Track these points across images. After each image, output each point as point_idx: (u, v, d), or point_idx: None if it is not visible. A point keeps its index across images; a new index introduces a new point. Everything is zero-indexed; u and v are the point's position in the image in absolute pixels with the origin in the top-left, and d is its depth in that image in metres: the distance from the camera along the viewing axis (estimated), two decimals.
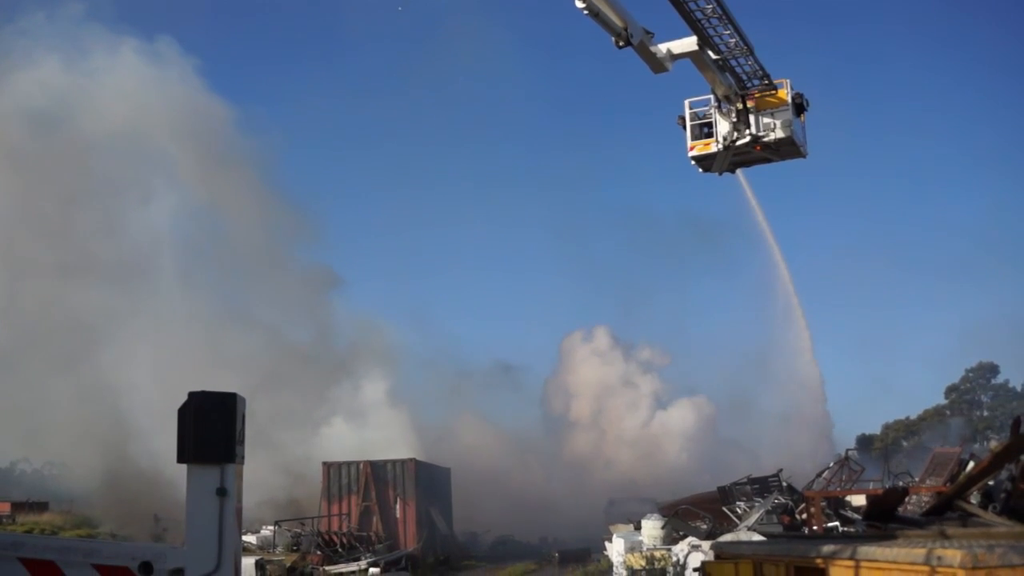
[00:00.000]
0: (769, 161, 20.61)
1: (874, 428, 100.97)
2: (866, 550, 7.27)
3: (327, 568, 36.64)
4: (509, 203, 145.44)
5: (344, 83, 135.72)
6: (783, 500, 31.11)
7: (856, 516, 26.22)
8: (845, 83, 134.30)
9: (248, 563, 32.55)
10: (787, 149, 20.02)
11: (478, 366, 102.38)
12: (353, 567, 36.82)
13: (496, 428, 70.38)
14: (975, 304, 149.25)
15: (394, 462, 44.25)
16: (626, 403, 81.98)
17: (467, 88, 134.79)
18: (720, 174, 20.54)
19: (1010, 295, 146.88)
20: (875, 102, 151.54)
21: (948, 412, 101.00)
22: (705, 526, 30.78)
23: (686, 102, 20.32)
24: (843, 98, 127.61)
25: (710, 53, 18.52)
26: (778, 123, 19.52)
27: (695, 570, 17.61)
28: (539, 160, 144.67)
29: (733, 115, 19.65)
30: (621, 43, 17.35)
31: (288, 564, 36.18)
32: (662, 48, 18.32)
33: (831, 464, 33.58)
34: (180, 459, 5.24)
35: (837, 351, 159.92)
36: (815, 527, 25.68)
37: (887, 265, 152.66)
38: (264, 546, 41.18)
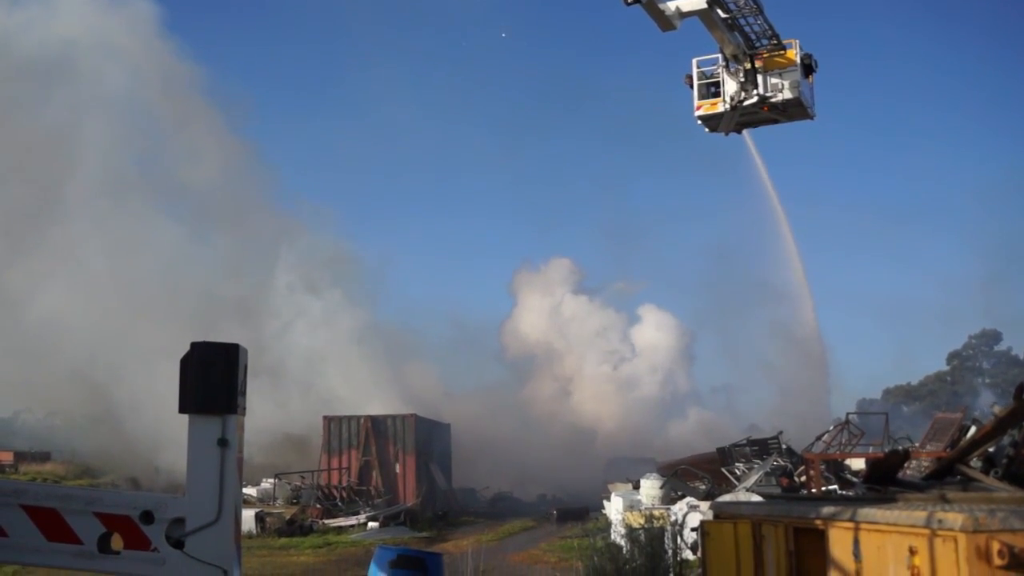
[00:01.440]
0: (776, 122, 20.49)
1: (875, 393, 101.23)
2: (866, 512, 7.27)
3: (326, 521, 36.89)
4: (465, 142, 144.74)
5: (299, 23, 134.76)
6: (782, 462, 31.20)
7: (855, 479, 26.30)
8: (847, 44, 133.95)
9: (248, 515, 32.79)
10: (795, 110, 19.91)
11: (437, 320, 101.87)
12: (352, 521, 37.05)
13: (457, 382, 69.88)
14: (979, 270, 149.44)
15: (394, 417, 44.42)
16: (595, 343, 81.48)
17: (430, 22, 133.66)
18: (727, 134, 20.44)
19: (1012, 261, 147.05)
20: (875, 62, 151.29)
21: (949, 378, 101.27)
22: (704, 487, 30.91)
23: (694, 61, 20.20)
24: (847, 59, 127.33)
25: (719, 11, 18.38)
26: (786, 84, 19.40)
27: (693, 530, 17.65)
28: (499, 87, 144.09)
29: (741, 75, 19.53)
30: (630, 0, 17.22)
31: (288, 517, 36.42)
32: (671, 5, 18.16)
33: (831, 427, 33.62)
34: (182, 409, 5.24)
35: (840, 316, 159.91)
36: (814, 489, 25.76)
37: (891, 229, 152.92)
38: (264, 499, 41.48)
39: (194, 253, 61.90)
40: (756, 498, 17.80)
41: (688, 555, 17.84)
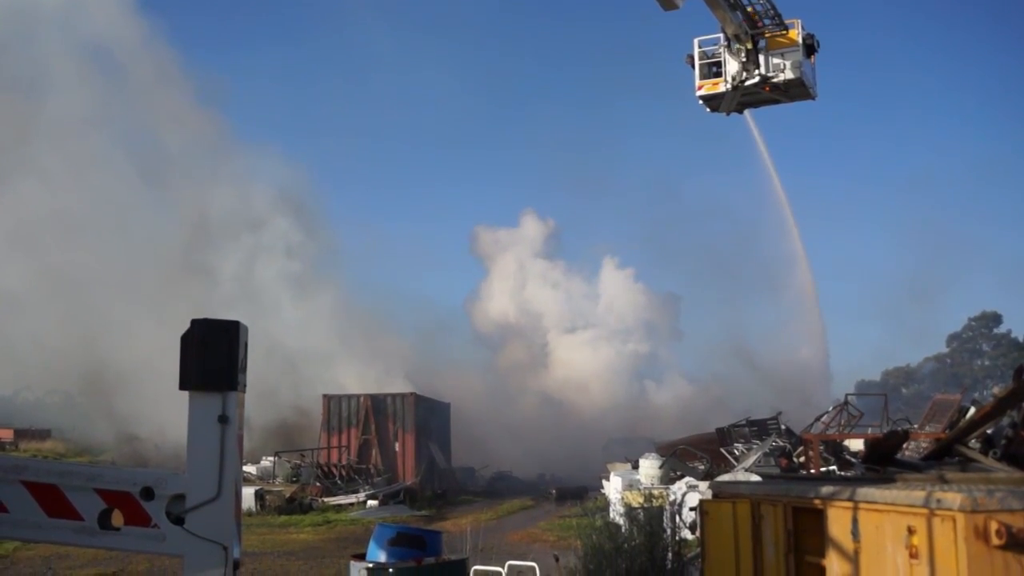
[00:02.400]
0: (778, 102, 20.44)
1: (874, 375, 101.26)
2: (865, 492, 7.28)
3: (326, 499, 36.96)
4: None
5: None
6: (781, 443, 31.23)
7: (854, 460, 26.35)
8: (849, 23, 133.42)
9: (248, 492, 32.86)
10: (796, 90, 19.85)
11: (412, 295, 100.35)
12: (352, 499, 37.13)
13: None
14: (981, 253, 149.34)
15: (394, 396, 44.51)
16: (577, 313, 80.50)
17: None
18: (728, 114, 20.39)
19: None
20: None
21: (949, 360, 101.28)
22: (703, 467, 30.98)
23: (695, 41, 20.15)
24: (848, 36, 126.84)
25: None
26: (788, 64, 19.34)
27: (692, 509, 17.71)
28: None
29: (742, 55, 19.47)
30: None
31: (287, 495, 36.50)
32: None
33: (830, 408, 33.68)
34: (182, 386, 5.23)
35: (839, 299, 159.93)
36: (813, 470, 25.81)
37: (891, 210, 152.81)
38: (264, 476, 41.57)
39: (164, 224, 61.54)
40: (755, 478, 17.84)
41: (687, 535, 17.89)
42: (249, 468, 41.34)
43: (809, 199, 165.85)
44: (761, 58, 19.36)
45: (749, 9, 19.03)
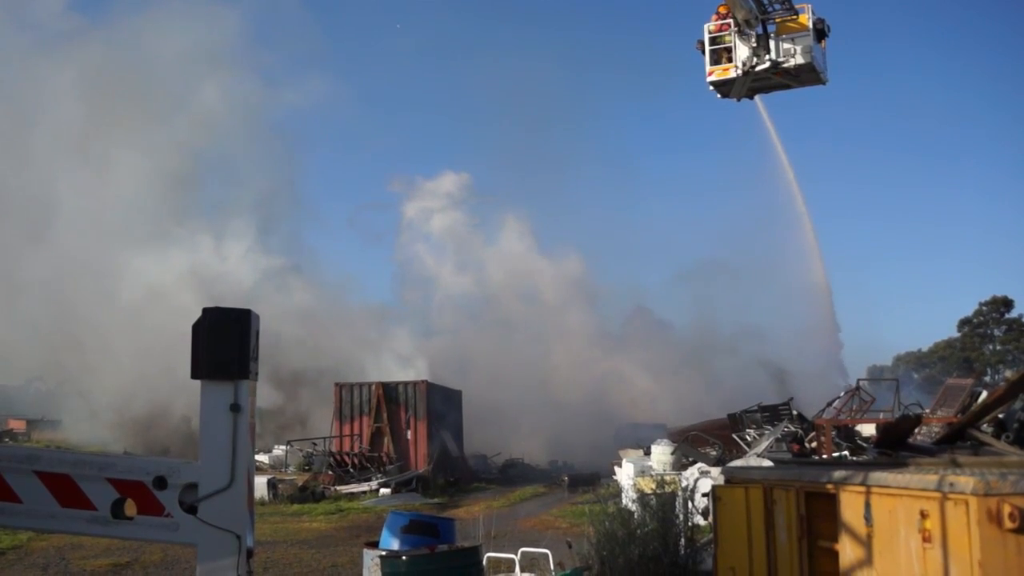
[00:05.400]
0: (788, 87, 20.37)
1: (885, 359, 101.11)
2: (877, 476, 7.28)
3: (338, 488, 37.02)
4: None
5: None
6: (793, 428, 31.21)
7: (866, 445, 26.34)
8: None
9: (261, 481, 32.95)
10: (807, 75, 19.78)
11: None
12: (364, 487, 37.19)
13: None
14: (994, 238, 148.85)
15: (406, 383, 44.51)
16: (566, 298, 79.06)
17: None
18: (739, 100, 20.34)
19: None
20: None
21: (959, 345, 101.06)
22: (715, 452, 30.97)
23: (705, 27, 20.08)
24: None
25: None
26: (798, 48, 19.28)
27: (704, 495, 17.72)
28: None
29: (753, 40, 19.40)
30: None
31: (300, 483, 36.60)
32: None
33: (842, 394, 33.65)
34: (194, 375, 5.24)
35: (850, 282, 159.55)
36: (825, 455, 25.80)
37: (903, 197, 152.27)
38: (276, 465, 41.70)
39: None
40: (767, 463, 17.84)
41: (699, 520, 17.90)
42: (261, 457, 41.44)
43: (818, 183, 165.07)
44: (771, 43, 19.31)
45: None
